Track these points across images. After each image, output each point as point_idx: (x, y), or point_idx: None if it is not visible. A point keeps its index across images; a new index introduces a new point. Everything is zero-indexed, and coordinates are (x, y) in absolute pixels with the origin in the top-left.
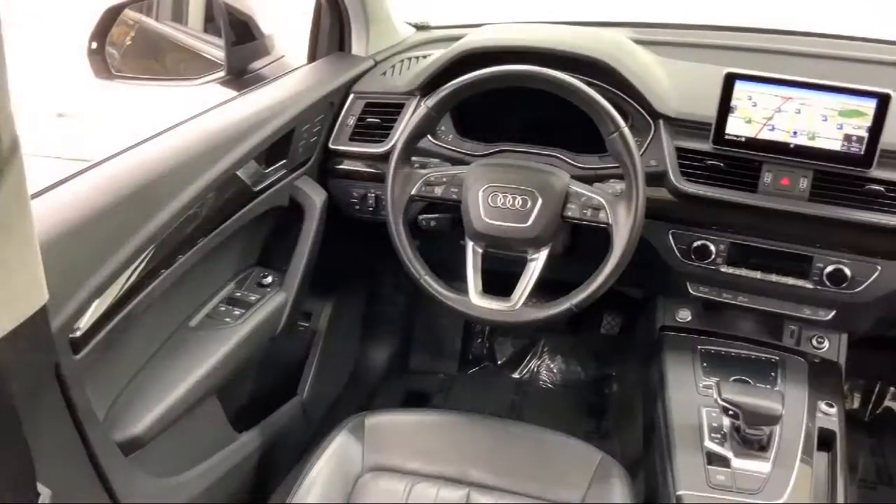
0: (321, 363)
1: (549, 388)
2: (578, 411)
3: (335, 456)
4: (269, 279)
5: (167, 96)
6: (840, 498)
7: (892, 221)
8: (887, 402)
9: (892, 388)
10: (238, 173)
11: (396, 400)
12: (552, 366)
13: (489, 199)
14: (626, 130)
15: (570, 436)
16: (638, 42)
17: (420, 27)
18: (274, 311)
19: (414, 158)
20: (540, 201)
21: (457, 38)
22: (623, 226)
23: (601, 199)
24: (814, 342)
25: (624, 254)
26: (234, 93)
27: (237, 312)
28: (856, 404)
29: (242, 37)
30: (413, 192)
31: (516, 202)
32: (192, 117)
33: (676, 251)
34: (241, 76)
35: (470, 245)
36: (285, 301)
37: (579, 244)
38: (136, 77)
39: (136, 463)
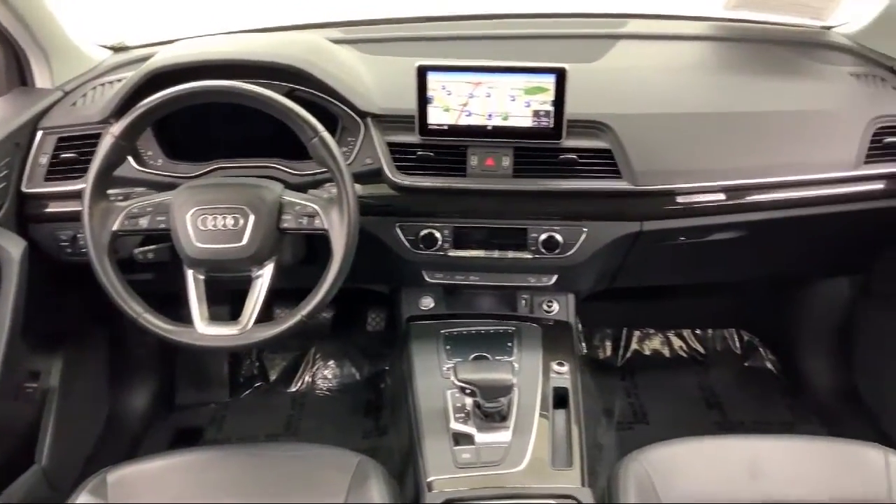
0: (60, 423)
1: (326, 395)
2: (356, 412)
3: None
4: None
5: None
6: (576, 449)
7: (589, 186)
8: (634, 346)
9: (636, 332)
10: None
11: (164, 442)
12: (326, 372)
13: (199, 223)
14: (325, 134)
15: (327, 446)
16: (338, 42)
17: (117, 49)
18: None
19: (116, 191)
20: (252, 217)
21: None
22: (339, 229)
23: (315, 206)
24: (544, 307)
25: (345, 257)
26: None
27: None
28: (608, 353)
29: None
30: (115, 227)
31: (227, 222)
32: None
33: (406, 242)
34: None
35: (189, 273)
36: None
37: (319, 249)
38: None
39: None
